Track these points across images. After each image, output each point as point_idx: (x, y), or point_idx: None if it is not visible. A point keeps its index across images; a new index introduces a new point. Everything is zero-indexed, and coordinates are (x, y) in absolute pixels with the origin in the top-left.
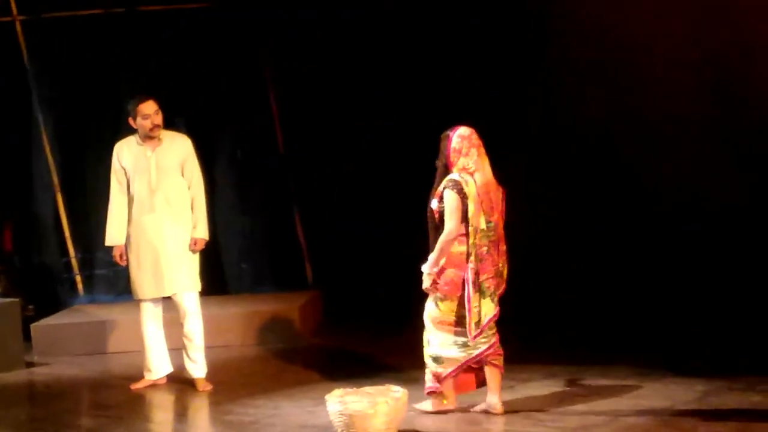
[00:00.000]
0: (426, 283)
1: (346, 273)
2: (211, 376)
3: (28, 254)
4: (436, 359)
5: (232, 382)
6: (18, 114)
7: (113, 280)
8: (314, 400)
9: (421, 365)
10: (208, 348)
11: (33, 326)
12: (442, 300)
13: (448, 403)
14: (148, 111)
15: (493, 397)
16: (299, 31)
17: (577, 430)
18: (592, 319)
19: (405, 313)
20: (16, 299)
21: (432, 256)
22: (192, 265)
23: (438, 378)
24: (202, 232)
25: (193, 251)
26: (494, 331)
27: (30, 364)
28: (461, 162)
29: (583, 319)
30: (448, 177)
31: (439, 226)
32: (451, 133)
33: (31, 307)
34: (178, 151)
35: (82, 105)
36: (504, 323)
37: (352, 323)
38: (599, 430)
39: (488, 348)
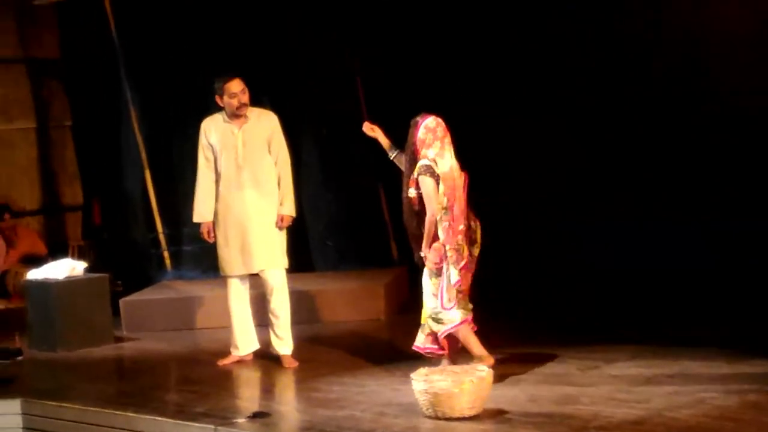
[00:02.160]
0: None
1: None
2: (297, 353)
3: (117, 230)
4: (436, 319)
5: (317, 359)
6: (106, 90)
7: (200, 256)
8: (399, 378)
9: (504, 344)
10: (295, 325)
11: (122, 301)
12: (431, 276)
13: (487, 360)
14: (235, 90)
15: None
16: (387, 9)
17: (663, 411)
18: (679, 299)
19: (491, 289)
20: (105, 274)
21: (425, 240)
22: (279, 241)
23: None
24: (289, 209)
25: (280, 228)
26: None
27: (118, 339)
28: (423, 152)
29: (670, 300)
30: (420, 163)
31: (420, 211)
32: (420, 121)
33: (119, 282)
34: (265, 127)
35: (169, 82)
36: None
37: None
38: (686, 412)
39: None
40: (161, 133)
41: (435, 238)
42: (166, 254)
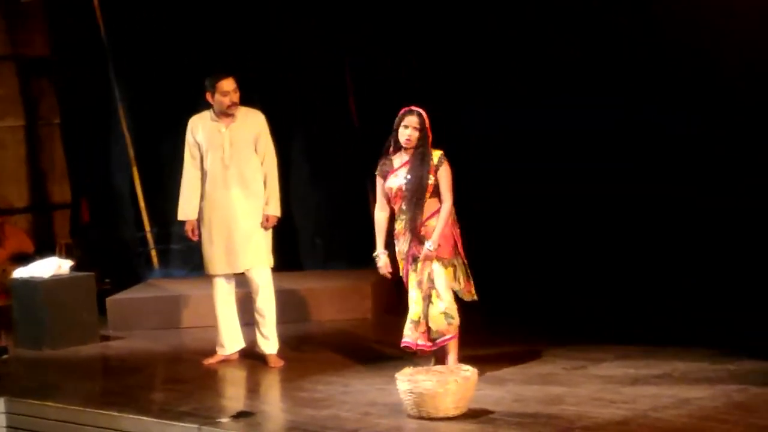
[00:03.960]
0: (433, 255)
1: None
2: (282, 353)
3: (105, 228)
4: (447, 316)
5: (303, 358)
6: (95, 88)
7: (188, 255)
8: (385, 378)
9: (491, 344)
10: (281, 324)
11: (108, 300)
12: (445, 266)
13: None
14: (228, 88)
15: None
16: (377, 7)
17: (649, 411)
18: (667, 299)
19: (479, 289)
20: (92, 273)
21: (438, 231)
22: (264, 241)
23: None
24: (274, 209)
25: (265, 228)
26: None
27: (105, 338)
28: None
29: (658, 300)
30: (439, 152)
31: (425, 199)
32: (423, 113)
33: (107, 280)
34: (252, 127)
35: (158, 80)
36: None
37: None
38: (671, 412)
39: None
40: (150, 131)
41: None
42: (153, 253)
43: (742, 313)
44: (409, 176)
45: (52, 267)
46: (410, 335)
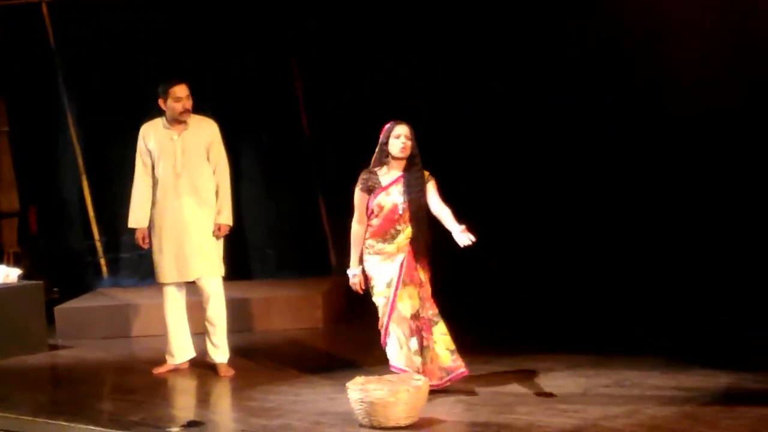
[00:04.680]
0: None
1: None
2: (233, 362)
3: (53, 237)
4: (453, 351)
5: (254, 367)
6: (44, 96)
7: (137, 264)
8: (335, 387)
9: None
10: (231, 333)
11: (56, 309)
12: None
13: None
14: (181, 94)
15: None
16: (324, 12)
17: (600, 420)
18: (615, 310)
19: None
20: (40, 282)
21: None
22: (215, 250)
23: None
24: (226, 218)
25: (217, 237)
26: None
27: (53, 347)
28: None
29: (606, 310)
30: (425, 170)
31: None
32: (402, 123)
33: (55, 290)
34: (204, 135)
35: (107, 87)
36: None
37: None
38: (622, 421)
39: None
40: (99, 139)
41: None
42: (102, 261)
43: (693, 323)
44: (409, 194)
45: None
46: (451, 363)
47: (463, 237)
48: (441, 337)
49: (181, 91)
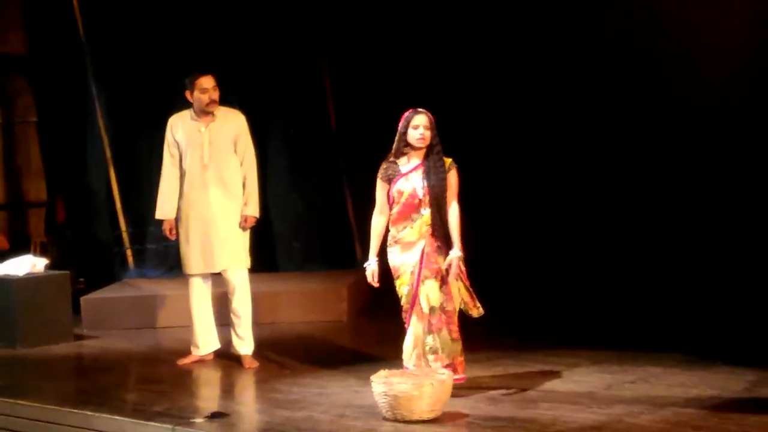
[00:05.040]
0: (457, 268)
1: None
2: (258, 354)
3: (80, 227)
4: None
5: (278, 359)
6: (72, 87)
7: (163, 255)
8: (360, 380)
9: (466, 348)
10: (256, 325)
11: (83, 299)
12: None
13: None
14: (207, 85)
15: None
16: (352, 11)
17: (624, 416)
18: (636, 308)
19: None
20: (67, 271)
21: (458, 239)
22: (242, 241)
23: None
24: (253, 210)
25: (244, 228)
26: None
27: (79, 337)
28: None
29: (628, 308)
30: (448, 158)
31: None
32: (422, 110)
33: (82, 280)
34: (232, 127)
35: (136, 78)
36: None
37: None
38: (646, 418)
39: None
40: (127, 130)
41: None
42: (129, 252)
43: (717, 319)
44: (429, 179)
45: (26, 265)
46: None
47: (449, 261)
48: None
49: (207, 82)
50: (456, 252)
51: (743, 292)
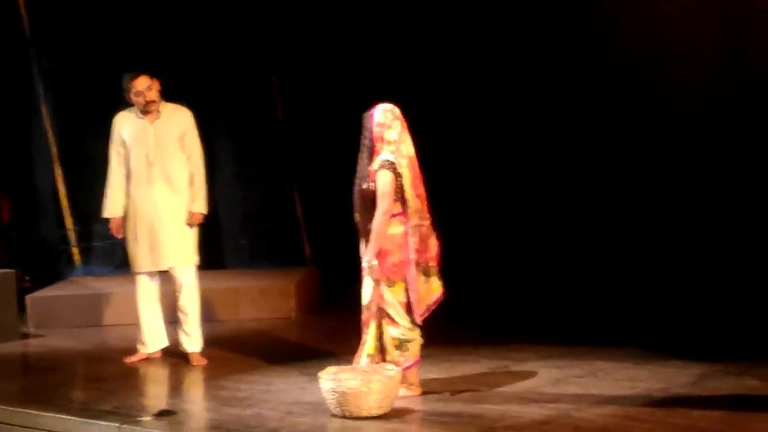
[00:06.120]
0: (373, 273)
1: (344, 250)
2: (206, 351)
3: (26, 226)
4: (400, 346)
5: (226, 357)
6: (18, 85)
7: (110, 253)
8: (308, 377)
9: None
10: (204, 322)
11: (28, 297)
12: (390, 285)
13: (415, 391)
14: (141, 87)
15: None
16: (305, 6)
17: (572, 411)
18: (586, 301)
19: None
20: (12, 270)
21: (371, 244)
22: (189, 238)
23: (399, 365)
24: (201, 206)
25: (191, 225)
26: None
27: (25, 336)
28: (386, 135)
29: (578, 302)
30: (382, 157)
31: (373, 207)
32: (371, 112)
33: (27, 278)
34: (178, 123)
35: (82, 77)
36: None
37: (348, 301)
38: (594, 412)
39: None
40: (73, 128)
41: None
42: (75, 251)
43: (665, 313)
44: (359, 179)
45: None
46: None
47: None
48: (371, 338)
49: (140, 84)
50: (364, 261)
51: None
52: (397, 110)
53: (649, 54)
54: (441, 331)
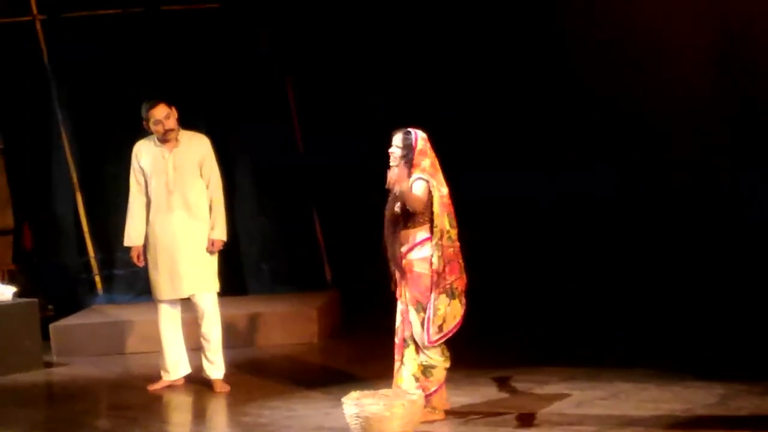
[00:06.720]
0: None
1: (365, 273)
2: (228, 378)
3: (48, 254)
4: (424, 371)
5: (249, 383)
6: (38, 113)
7: (132, 281)
8: (331, 402)
9: None
10: (227, 349)
11: (51, 326)
12: (419, 311)
13: (438, 415)
14: (159, 116)
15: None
16: (319, 30)
17: None
18: (609, 321)
19: None
20: (35, 299)
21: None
22: (209, 265)
23: (426, 390)
24: (220, 233)
25: (211, 252)
26: None
27: (48, 365)
28: (423, 163)
29: (601, 322)
30: (417, 175)
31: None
32: (414, 133)
33: (50, 307)
34: (196, 151)
35: (101, 104)
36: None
37: (370, 324)
38: None
39: None
40: (93, 156)
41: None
42: (97, 278)
43: (687, 334)
44: (390, 201)
45: None
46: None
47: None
48: (410, 360)
49: (159, 113)
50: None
51: (723, 303)
52: (429, 144)
53: (654, 65)
54: (460, 353)
